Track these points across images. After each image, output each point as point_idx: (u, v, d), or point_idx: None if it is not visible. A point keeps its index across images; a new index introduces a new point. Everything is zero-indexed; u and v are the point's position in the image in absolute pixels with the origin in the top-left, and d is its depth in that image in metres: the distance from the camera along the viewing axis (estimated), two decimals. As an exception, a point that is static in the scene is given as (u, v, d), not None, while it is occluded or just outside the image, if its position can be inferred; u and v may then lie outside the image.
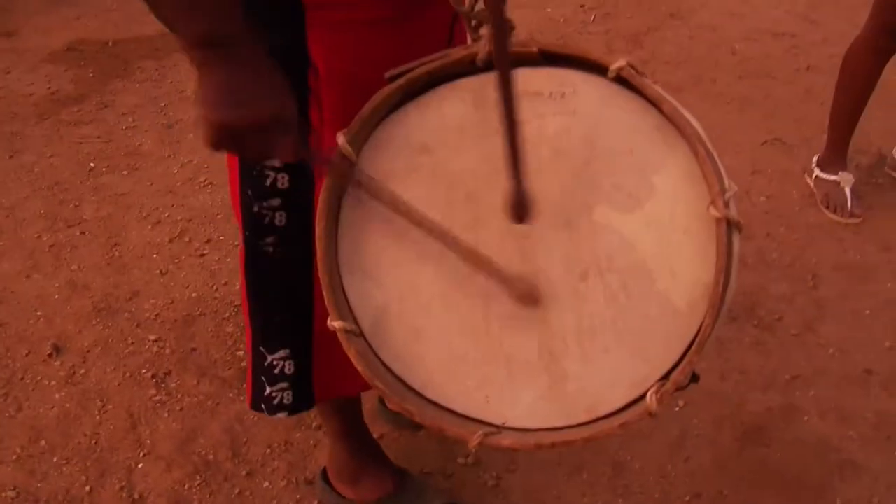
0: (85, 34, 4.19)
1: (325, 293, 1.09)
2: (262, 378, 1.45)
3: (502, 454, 1.92)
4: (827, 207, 2.64)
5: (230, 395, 2.13)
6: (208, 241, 2.69)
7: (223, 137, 0.97)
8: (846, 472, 1.86)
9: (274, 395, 1.46)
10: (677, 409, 2.01)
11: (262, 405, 1.47)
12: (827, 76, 3.32)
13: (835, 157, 2.69)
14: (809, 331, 2.23)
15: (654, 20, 4.04)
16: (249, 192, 1.28)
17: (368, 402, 2.00)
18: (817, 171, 2.71)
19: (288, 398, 1.46)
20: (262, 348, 1.43)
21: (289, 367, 1.43)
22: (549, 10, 4.20)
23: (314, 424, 2.02)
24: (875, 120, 2.98)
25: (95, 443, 2.02)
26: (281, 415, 1.48)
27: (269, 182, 1.25)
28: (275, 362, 1.43)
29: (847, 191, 2.63)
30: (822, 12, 4.01)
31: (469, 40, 1.09)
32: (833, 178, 2.66)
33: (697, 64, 3.61)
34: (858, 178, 2.72)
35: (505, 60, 0.89)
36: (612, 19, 4.10)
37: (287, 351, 1.42)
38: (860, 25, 2.56)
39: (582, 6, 4.24)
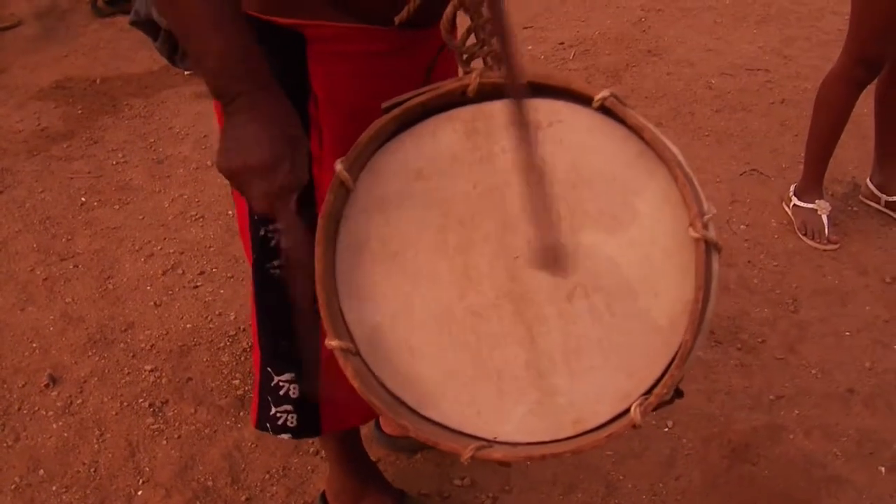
0: (73, 72, 4.24)
1: (322, 313, 1.14)
2: (268, 397, 1.49)
3: (498, 475, 1.96)
4: (805, 234, 2.72)
5: (227, 422, 2.15)
6: (201, 273, 2.73)
7: (232, 181, 1.05)
8: (832, 487, 1.91)
9: (279, 415, 1.49)
10: (667, 429, 2.06)
11: (267, 424, 1.50)
12: (801, 109, 3.45)
13: (811, 186, 2.78)
14: (792, 353, 2.29)
15: (632, 57, 4.15)
16: (256, 217, 1.33)
17: (365, 426, 2.04)
18: (795, 200, 2.80)
19: (292, 421, 1.49)
20: (269, 368, 1.47)
21: (294, 391, 1.47)
22: (529, 47, 4.30)
23: (311, 450, 2.05)
24: (849, 150, 3.09)
25: (94, 471, 2.04)
26: (285, 436, 1.51)
27: None
28: (281, 384, 1.47)
29: (824, 218, 2.71)
30: (794, 48, 4.13)
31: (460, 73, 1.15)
32: (810, 206, 2.75)
33: (676, 98, 3.71)
34: (834, 206, 2.80)
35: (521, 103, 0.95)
36: (592, 56, 4.21)
37: (293, 374, 1.46)
38: (832, 60, 2.66)
39: (561, 44, 4.35)
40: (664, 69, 4.00)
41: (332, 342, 1.12)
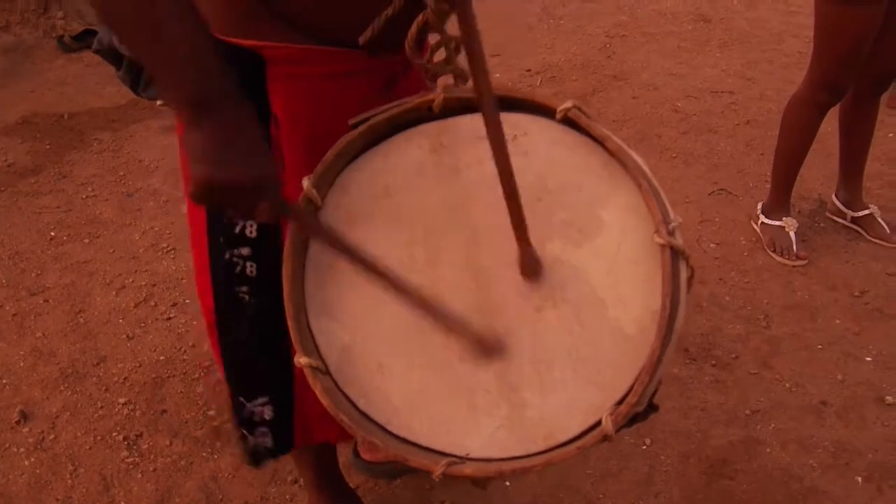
0: (39, 107, 4.21)
1: (291, 332, 1.13)
2: (244, 430, 1.47)
3: (478, 498, 1.95)
4: (774, 251, 2.76)
5: (203, 454, 2.13)
6: (174, 304, 2.70)
7: (207, 193, 1.00)
8: (810, 499, 1.92)
9: (257, 443, 1.48)
10: (645, 447, 2.06)
11: (249, 458, 1.49)
12: (765, 129, 3.51)
13: (779, 203, 2.82)
14: (765, 367, 2.31)
15: (598, 82, 4.20)
16: (221, 239, 1.30)
17: (343, 454, 2.02)
18: (763, 218, 2.84)
19: (269, 443, 1.48)
20: (240, 398, 1.44)
21: (268, 413, 1.45)
22: (497, 74, 4.34)
23: (289, 479, 2.03)
24: (814, 168, 3.14)
25: (68, 507, 2.01)
26: (266, 461, 1.49)
27: (238, 230, 1.29)
28: (255, 409, 1.45)
29: (792, 235, 2.75)
30: (757, 70, 4.21)
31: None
32: (778, 223, 2.79)
33: (642, 122, 3.76)
34: (802, 223, 2.85)
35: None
36: (558, 83, 4.26)
37: (266, 398, 1.44)
38: (794, 81, 2.71)
39: (528, 71, 4.39)
40: (630, 93, 4.05)
41: (301, 360, 1.12)
